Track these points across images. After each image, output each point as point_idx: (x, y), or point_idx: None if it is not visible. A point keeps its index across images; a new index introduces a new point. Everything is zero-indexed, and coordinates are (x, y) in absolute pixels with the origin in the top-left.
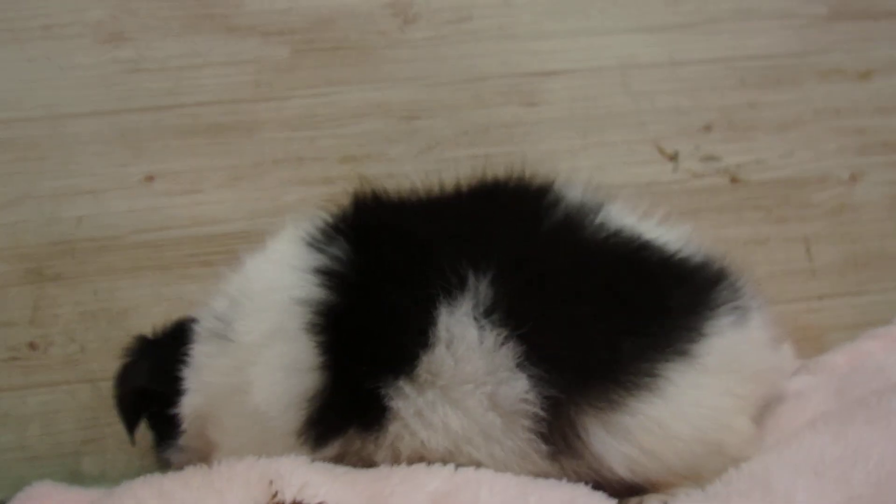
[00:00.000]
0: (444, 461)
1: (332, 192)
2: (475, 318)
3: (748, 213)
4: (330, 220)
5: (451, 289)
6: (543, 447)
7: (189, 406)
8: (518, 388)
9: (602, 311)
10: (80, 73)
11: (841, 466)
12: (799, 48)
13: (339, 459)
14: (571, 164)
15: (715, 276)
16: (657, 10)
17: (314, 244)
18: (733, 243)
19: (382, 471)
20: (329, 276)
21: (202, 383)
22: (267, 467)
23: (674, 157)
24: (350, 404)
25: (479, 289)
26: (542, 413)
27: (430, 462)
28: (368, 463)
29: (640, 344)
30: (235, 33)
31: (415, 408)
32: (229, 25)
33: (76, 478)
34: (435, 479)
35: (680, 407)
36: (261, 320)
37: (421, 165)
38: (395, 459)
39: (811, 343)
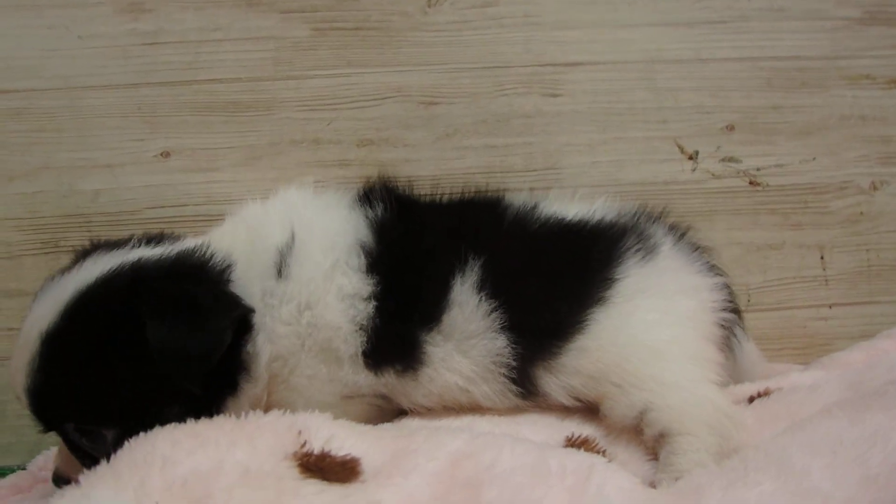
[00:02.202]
0: (458, 399)
1: (348, 175)
2: (475, 290)
3: (764, 217)
4: (367, 187)
5: (461, 265)
6: (514, 388)
7: (264, 353)
8: (500, 345)
9: (545, 283)
10: (99, 44)
11: (858, 448)
12: (828, 51)
13: (392, 392)
14: (589, 158)
15: (621, 231)
16: (686, 5)
17: (359, 204)
18: (748, 247)
19: (406, 429)
20: (377, 230)
21: (274, 331)
22: (295, 419)
23: (693, 157)
24: (399, 338)
25: (475, 270)
26: (513, 363)
27: (448, 400)
28: (407, 399)
29: (571, 303)
30: (256, 8)
31: (441, 354)
32: (250, 1)
33: None
34: (456, 439)
35: (599, 337)
36: (325, 255)
37: (438, 153)
38: (427, 396)
39: (818, 350)
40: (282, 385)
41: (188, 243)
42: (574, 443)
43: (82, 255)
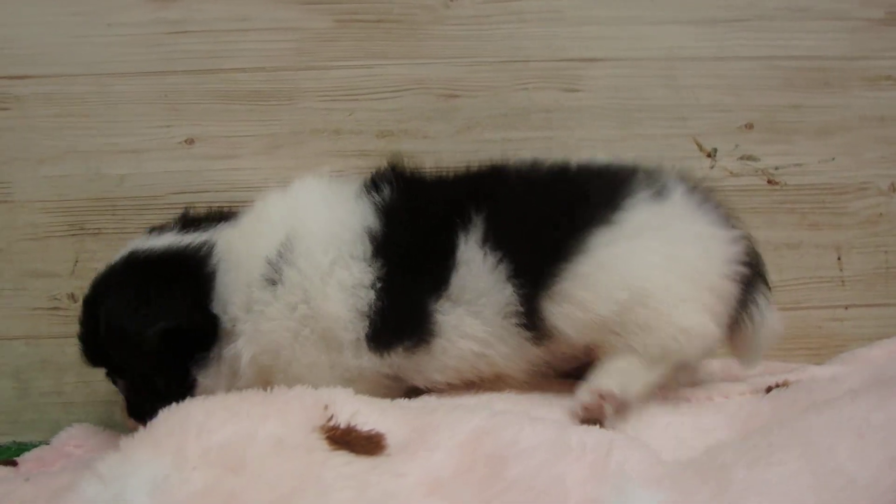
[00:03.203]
0: (476, 367)
1: (368, 165)
2: (480, 245)
3: (782, 216)
4: (374, 175)
5: (465, 222)
6: (527, 334)
7: (247, 353)
8: (507, 293)
9: (548, 222)
10: (127, 32)
11: (884, 431)
12: (849, 51)
13: (401, 371)
14: (608, 153)
15: (632, 171)
16: (708, 3)
17: (366, 191)
18: (764, 246)
19: (427, 406)
20: (386, 211)
21: (260, 330)
22: (320, 394)
23: (711, 154)
24: (406, 316)
25: (478, 223)
26: (521, 309)
27: (465, 370)
28: (421, 377)
29: (573, 224)
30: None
31: (453, 322)
32: None
33: (108, 426)
34: (476, 416)
35: (602, 261)
36: (323, 253)
37: (458, 145)
38: (443, 370)
39: (833, 351)
40: (280, 374)
41: (203, 237)
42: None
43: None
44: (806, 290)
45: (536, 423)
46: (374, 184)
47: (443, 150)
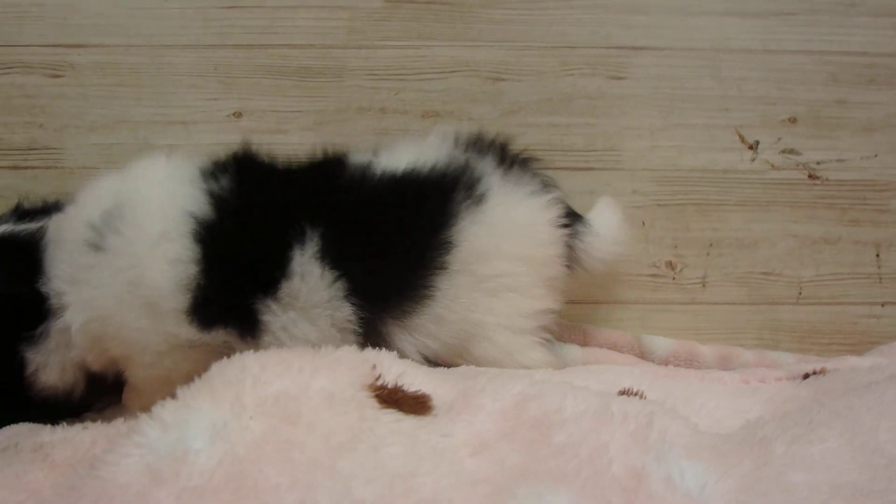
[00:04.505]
0: None
1: None
2: (318, 260)
3: (822, 211)
4: (220, 158)
5: (301, 237)
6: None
7: (76, 322)
8: (345, 312)
9: (386, 249)
10: (181, 5)
11: None
12: None
13: (235, 345)
14: (650, 142)
15: (452, 182)
16: None
17: (208, 173)
18: (803, 240)
19: (469, 372)
20: (216, 200)
21: (85, 299)
22: (366, 355)
23: (753, 147)
24: (227, 304)
25: (315, 239)
26: (359, 329)
27: None
28: None
29: (416, 270)
30: None
31: (281, 323)
32: None
33: None
34: (518, 383)
35: (447, 303)
36: (153, 223)
37: (502, 128)
38: None
39: (867, 348)
40: (114, 340)
41: (38, 224)
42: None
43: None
44: (843, 286)
45: (579, 391)
46: (213, 171)
47: (485, 132)
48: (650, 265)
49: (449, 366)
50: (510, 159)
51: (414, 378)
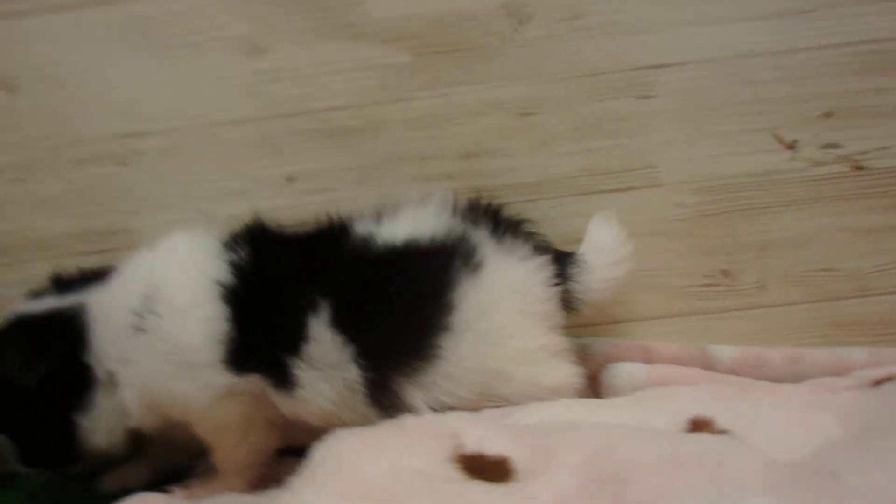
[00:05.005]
0: (324, 418)
1: (454, 185)
2: (329, 327)
3: (872, 200)
4: (236, 231)
5: (314, 305)
6: (374, 409)
7: (130, 397)
8: (353, 374)
9: (389, 315)
10: (228, 85)
11: None
12: None
13: (265, 394)
14: (686, 154)
15: (451, 249)
16: None
17: (227, 245)
18: (856, 232)
19: (540, 427)
20: (238, 269)
21: (134, 375)
22: (445, 422)
23: (792, 146)
24: (257, 353)
25: (326, 308)
26: (366, 391)
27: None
28: (289, 410)
29: (422, 331)
30: (362, 41)
31: (309, 379)
32: (356, 34)
33: None
34: (591, 436)
35: (455, 361)
36: (183, 297)
37: (537, 160)
38: (310, 414)
39: None
40: (168, 406)
41: (80, 298)
42: (697, 425)
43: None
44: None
45: (650, 438)
46: (232, 243)
47: (523, 166)
48: (704, 275)
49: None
50: (504, 225)
51: (494, 442)
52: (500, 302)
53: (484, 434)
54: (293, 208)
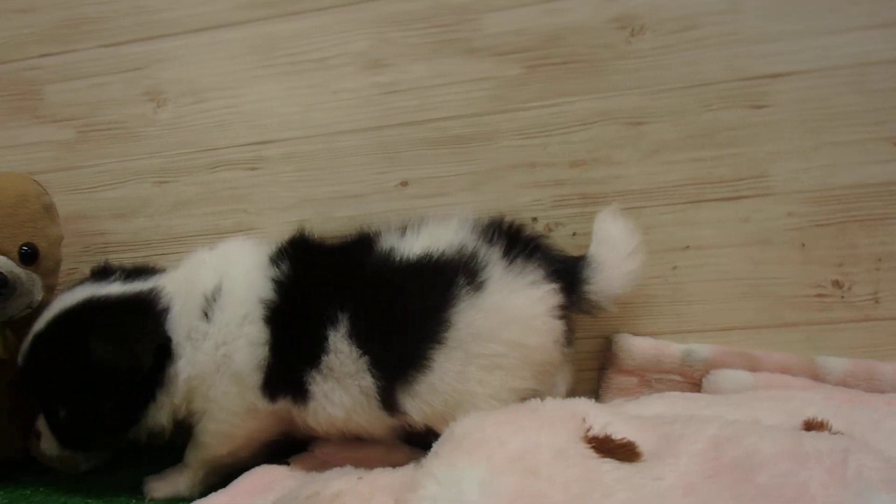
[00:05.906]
0: (342, 429)
1: (562, 193)
2: (347, 339)
3: None
4: (282, 244)
5: (334, 319)
6: (385, 413)
7: (184, 373)
8: (368, 382)
9: (398, 328)
10: (347, 97)
11: None
12: None
13: (286, 416)
14: (801, 164)
15: (455, 268)
16: (891, 5)
17: (273, 259)
18: None
19: (663, 417)
20: (278, 285)
21: (194, 357)
22: (574, 407)
23: None
24: (287, 378)
25: (345, 321)
26: (378, 397)
27: (333, 430)
28: (303, 423)
29: (422, 344)
30: (475, 54)
31: (323, 391)
32: (469, 48)
33: None
34: (711, 426)
35: (441, 374)
36: (241, 307)
37: (646, 168)
38: (318, 424)
39: None
40: (200, 397)
41: (150, 283)
42: (811, 426)
43: (90, 275)
44: None
45: (771, 431)
46: (276, 257)
47: (632, 174)
48: (814, 285)
49: (436, 431)
50: (519, 246)
51: (618, 427)
52: (496, 331)
53: (608, 420)
54: (404, 211)
